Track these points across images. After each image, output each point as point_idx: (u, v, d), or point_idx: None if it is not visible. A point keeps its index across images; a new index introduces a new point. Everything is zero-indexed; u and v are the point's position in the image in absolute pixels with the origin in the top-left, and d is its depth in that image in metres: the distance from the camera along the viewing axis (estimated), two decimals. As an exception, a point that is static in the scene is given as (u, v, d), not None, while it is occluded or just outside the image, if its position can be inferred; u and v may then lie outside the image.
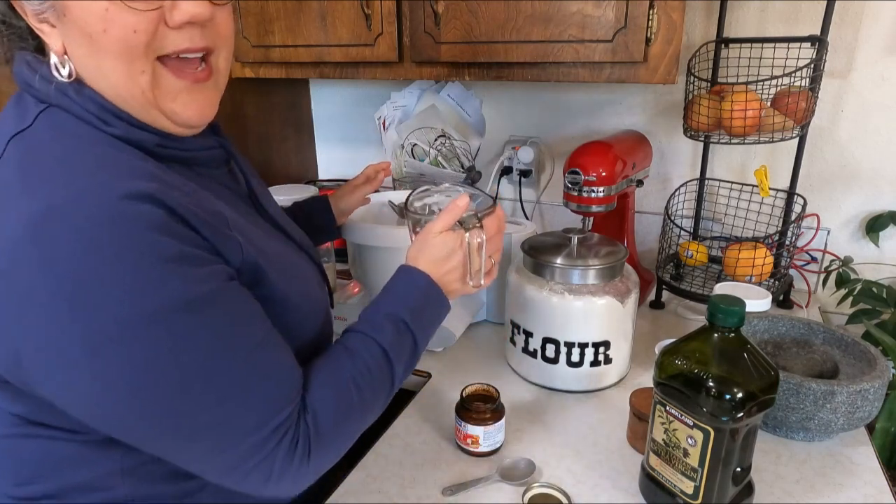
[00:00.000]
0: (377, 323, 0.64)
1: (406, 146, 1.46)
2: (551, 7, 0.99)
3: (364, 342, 0.63)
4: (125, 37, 0.50)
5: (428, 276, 0.68)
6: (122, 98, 0.54)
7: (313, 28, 1.21)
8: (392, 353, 0.63)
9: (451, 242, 0.69)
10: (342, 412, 0.58)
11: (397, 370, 0.63)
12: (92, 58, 0.52)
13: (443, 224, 0.69)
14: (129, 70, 0.52)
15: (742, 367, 0.62)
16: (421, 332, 0.66)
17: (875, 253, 1.25)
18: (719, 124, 1.05)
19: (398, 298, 0.67)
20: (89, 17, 0.50)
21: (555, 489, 0.73)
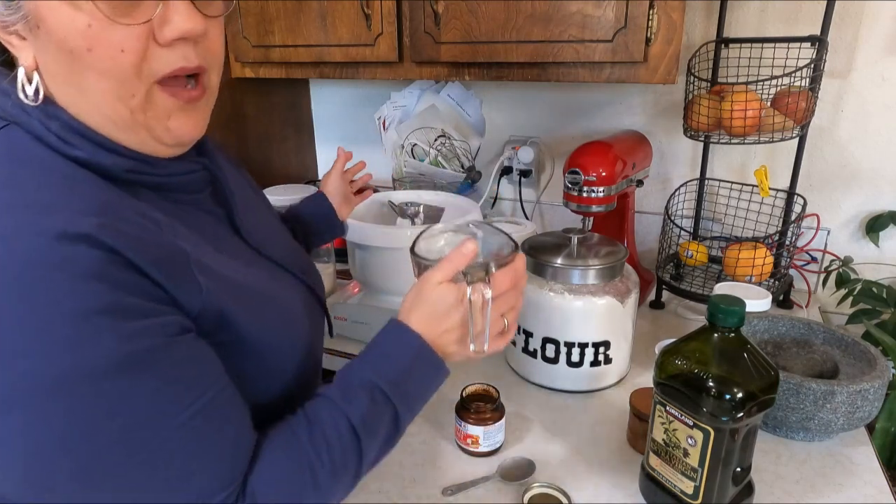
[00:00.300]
0: (350, 390, 0.55)
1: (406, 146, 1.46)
2: (551, 7, 0.99)
3: (331, 413, 0.54)
4: (112, 56, 0.46)
5: (420, 336, 0.57)
6: (103, 119, 0.49)
7: (313, 28, 1.21)
8: (362, 429, 0.53)
9: (449, 297, 0.57)
10: (290, 498, 0.50)
11: (368, 449, 0.54)
12: (73, 76, 0.47)
13: (442, 274, 0.58)
14: (119, 92, 0.47)
15: (742, 367, 0.62)
16: (405, 403, 0.56)
17: (875, 253, 1.25)
18: (719, 124, 1.05)
19: (380, 362, 0.57)
20: (69, 33, 0.45)
21: (555, 489, 0.73)
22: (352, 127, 1.69)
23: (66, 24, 0.45)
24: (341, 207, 1.02)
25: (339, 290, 1.24)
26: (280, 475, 0.51)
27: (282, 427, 0.53)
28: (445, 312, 0.57)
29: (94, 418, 0.42)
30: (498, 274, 0.58)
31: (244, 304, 0.53)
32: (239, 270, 0.56)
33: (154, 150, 0.52)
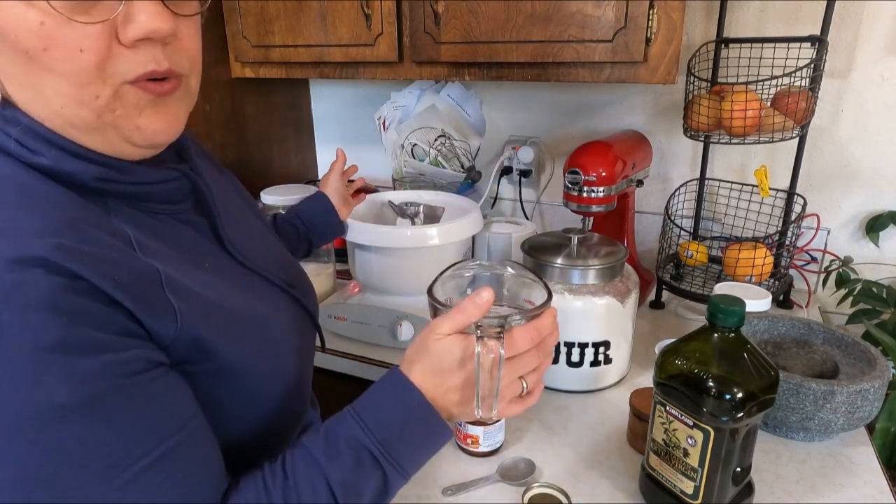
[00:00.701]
0: (334, 447, 0.49)
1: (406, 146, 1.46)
2: (551, 7, 0.99)
3: (309, 470, 0.49)
4: (70, 56, 0.42)
5: (420, 392, 0.51)
6: (66, 123, 0.45)
7: (313, 28, 1.21)
8: (342, 492, 0.48)
9: (455, 351, 0.51)
10: None
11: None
12: (29, 77, 0.43)
13: (451, 325, 0.51)
14: (79, 94, 0.43)
15: (742, 367, 0.62)
16: (396, 466, 0.50)
17: (875, 253, 1.25)
18: (719, 124, 1.05)
19: (373, 418, 0.50)
20: (21, 31, 0.41)
21: (555, 489, 0.73)
22: (352, 127, 1.69)
23: (18, 22, 0.40)
24: (340, 208, 1.02)
25: (339, 290, 1.24)
26: None
27: (254, 478, 0.49)
28: (450, 369, 0.51)
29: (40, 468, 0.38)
30: (516, 331, 0.51)
31: (224, 328, 0.49)
32: (220, 290, 0.52)
33: (124, 152, 0.48)
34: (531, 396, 0.55)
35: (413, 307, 1.07)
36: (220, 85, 1.37)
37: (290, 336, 0.60)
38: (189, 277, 0.49)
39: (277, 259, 0.67)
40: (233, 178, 0.72)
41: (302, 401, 0.62)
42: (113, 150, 0.48)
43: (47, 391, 0.38)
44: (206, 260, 0.55)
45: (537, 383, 0.55)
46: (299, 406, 0.62)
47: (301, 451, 0.50)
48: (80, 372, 0.39)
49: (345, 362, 1.09)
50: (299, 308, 0.65)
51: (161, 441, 0.43)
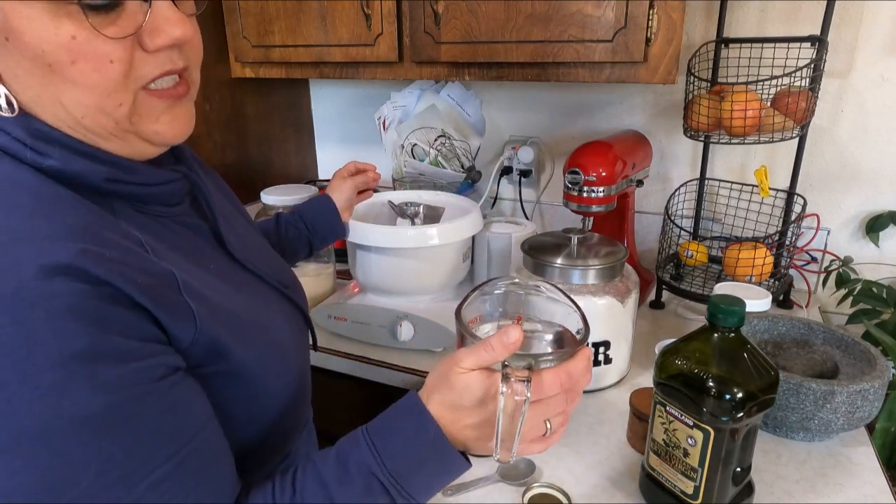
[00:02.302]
0: (344, 471, 0.48)
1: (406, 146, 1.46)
2: (551, 7, 0.99)
3: (318, 492, 0.48)
4: (99, 68, 0.42)
5: (437, 424, 0.49)
6: (83, 129, 0.45)
7: (313, 28, 1.21)
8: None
9: (477, 389, 0.48)
10: None
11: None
12: (47, 89, 0.43)
13: (475, 360, 0.48)
14: (103, 104, 0.44)
15: (742, 367, 0.62)
16: (407, 497, 0.49)
17: (875, 253, 1.25)
18: (719, 124, 1.05)
19: (385, 446, 0.49)
20: (50, 46, 0.41)
21: (555, 489, 0.73)
22: (352, 127, 1.69)
23: (48, 37, 0.41)
24: (344, 211, 1.02)
25: (339, 290, 1.24)
26: None
27: (265, 491, 0.49)
28: (470, 406, 0.48)
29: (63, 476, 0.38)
30: (546, 374, 0.47)
31: (234, 329, 0.50)
32: (225, 292, 0.52)
33: (143, 152, 0.50)
34: (555, 436, 0.52)
35: (413, 307, 1.07)
36: (220, 85, 1.37)
37: (290, 335, 0.61)
38: (199, 280, 0.49)
39: (269, 259, 0.68)
40: (218, 178, 0.72)
41: (304, 398, 0.63)
42: (130, 152, 0.49)
43: (74, 400, 0.38)
44: (209, 262, 0.55)
45: (562, 426, 0.52)
46: (303, 404, 0.62)
47: (312, 470, 0.50)
48: (106, 380, 0.39)
49: (345, 362, 1.09)
50: (294, 308, 0.65)
51: (180, 447, 0.43)
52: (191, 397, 0.46)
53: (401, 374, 1.04)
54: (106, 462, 0.39)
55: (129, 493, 0.40)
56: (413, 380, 1.03)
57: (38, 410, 0.37)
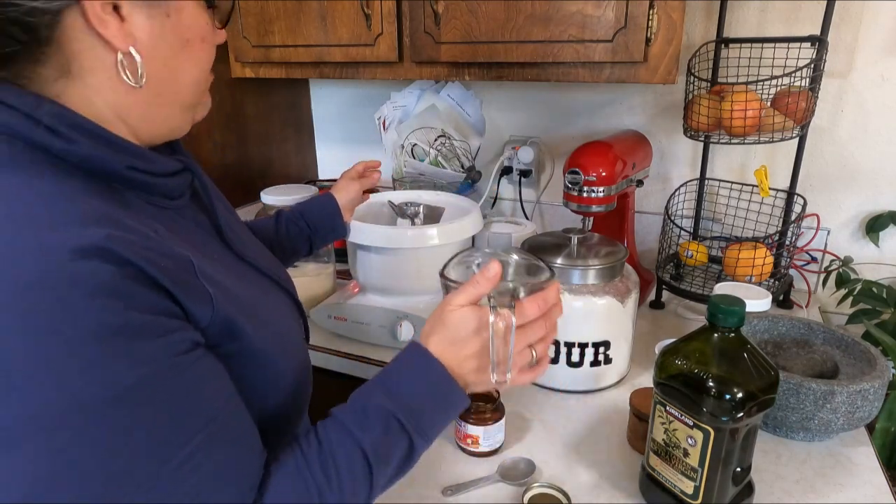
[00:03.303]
0: (364, 416, 0.53)
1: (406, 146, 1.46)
2: (551, 7, 0.99)
3: (343, 441, 0.52)
4: (209, 50, 0.54)
5: (439, 362, 0.55)
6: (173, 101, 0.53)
7: (313, 28, 1.21)
8: (374, 456, 0.52)
9: (471, 321, 0.55)
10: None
11: (379, 477, 0.53)
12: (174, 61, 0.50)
13: (465, 297, 0.55)
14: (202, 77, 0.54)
15: (742, 367, 0.62)
16: (421, 432, 0.54)
17: (875, 253, 1.25)
18: (719, 124, 1.05)
19: (397, 389, 0.54)
20: (195, 25, 0.51)
21: (555, 489, 0.73)
22: (352, 127, 1.69)
23: (196, 18, 0.51)
24: (346, 211, 1.02)
25: (339, 290, 1.24)
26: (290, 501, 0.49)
27: (293, 450, 0.52)
28: (466, 338, 0.55)
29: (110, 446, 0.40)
30: (525, 301, 0.55)
31: (244, 312, 0.52)
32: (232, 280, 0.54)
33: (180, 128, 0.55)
34: (540, 366, 0.58)
35: (413, 307, 1.07)
36: (220, 85, 1.37)
37: (291, 323, 0.63)
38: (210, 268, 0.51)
39: (263, 254, 0.70)
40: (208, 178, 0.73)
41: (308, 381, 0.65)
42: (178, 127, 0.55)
43: (113, 373, 0.40)
44: (212, 253, 0.57)
45: (545, 353, 0.59)
46: (306, 387, 0.64)
47: (332, 422, 0.53)
48: (141, 354, 0.41)
49: (345, 362, 1.09)
50: (290, 299, 0.68)
51: (211, 417, 0.45)
52: (215, 371, 0.48)
53: (401, 374, 1.04)
54: (147, 430, 0.41)
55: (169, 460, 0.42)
56: (413, 380, 1.03)
57: (82, 384, 0.39)
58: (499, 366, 0.54)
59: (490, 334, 0.54)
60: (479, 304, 0.55)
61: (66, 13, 0.44)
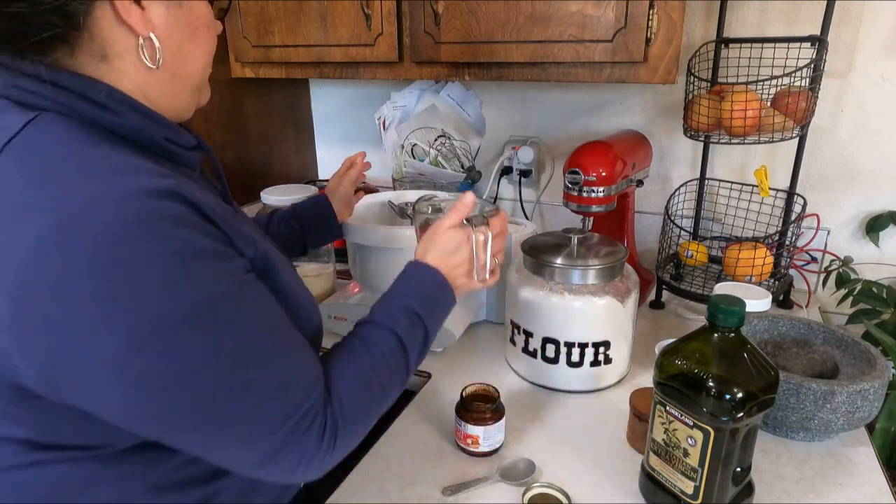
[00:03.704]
0: (391, 314, 0.66)
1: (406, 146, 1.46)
2: (551, 7, 0.99)
3: (379, 332, 0.65)
4: (213, 38, 0.60)
5: (438, 270, 0.70)
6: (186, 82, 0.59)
7: (313, 28, 1.21)
8: (407, 342, 0.65)
9: (458, 237, 0.71)
10: (363, 398, 0.60)
11: (412, 358, 0.66)
12: (185, 46, 0.56)
13: (451, 220, 0.71)
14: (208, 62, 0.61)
15: (742, 367, 0.62)
16: (432, 323, 0.68)
17: (875, 253, 1.25)
18: (719, 124, 1.05)
19: (410, 291, 0.69)
20: (203, 15, 0.58)
21: (555, 489, 0.73)
22: (352, 127, 1.69)
23: (204, 9, 0.58)
24: (343, 211, 1.02)
25: (339, 290, 1.24)
26: (351, 380, 0.59)
27: (342, 348, 0.63)
28: (455, 250, 0.71)
29: (210, 344, 0.48)
30: (492, 220, 0.74)
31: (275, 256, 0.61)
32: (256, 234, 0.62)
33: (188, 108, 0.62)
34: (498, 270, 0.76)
35: (413, 307, 1.07)
36: (220, 85, 1.37)
37: None
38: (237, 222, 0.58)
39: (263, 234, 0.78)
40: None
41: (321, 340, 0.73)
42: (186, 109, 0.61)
43: (204, 286, 0.47)
44: None
45: (502, 261, 0.77)
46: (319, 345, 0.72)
47: (364, 324, 0.67)
48: (221, 270, 0.50)
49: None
50: None
51: (280, 316, 0.55)
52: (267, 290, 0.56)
53: (401, 374, 1.04)
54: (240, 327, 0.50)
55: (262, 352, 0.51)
56: (413, 380, 1.03)
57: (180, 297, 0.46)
58: (480, 269, 0.73)
59: (472, 246, 0.71)
60: (460, 227, 0.72)
61: (97, 3, 0.49)
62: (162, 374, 0.46)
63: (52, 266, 0.43)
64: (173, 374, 0.46)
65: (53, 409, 0.49)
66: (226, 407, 0.49)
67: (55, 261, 0.43)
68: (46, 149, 0.48)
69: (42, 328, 0.44)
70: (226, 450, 0.51)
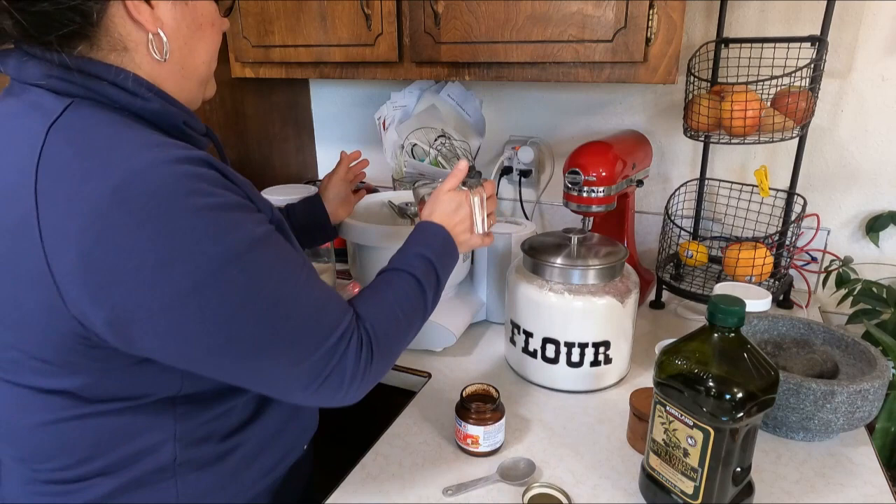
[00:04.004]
0: (407, 260, 0.74)
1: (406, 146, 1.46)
2: (551, 7, 0.99)
3: (398, 274, 0.73)
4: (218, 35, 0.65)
5: (443, 226, 0.79)
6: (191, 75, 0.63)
7: (313, 28, 1.21)
8: (423, 282, 0.72)
9: (458, 197, 0.81)
10: (390, 323, 0.67)
11: (428, 296, 0.73)
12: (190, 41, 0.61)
13: (450, 184, 0.82)
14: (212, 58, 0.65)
15: (742, 367, 0.62)
16: (442, 272, 0.76)
17: (875, 253, 1.25)
18: (719, 124, 1.05)
19: (422, 242, 0.77)
20: (208, 12, 0.63)
21: (555, 489, 0.73)
22: (352, 127, 1.69)
23: (209, 7, 0.63)
24: (339, 210, 1.02)
25: (340, 290, 1.24)
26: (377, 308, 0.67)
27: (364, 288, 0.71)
28: (456, 209, 0.81)
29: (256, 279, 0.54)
30: (485, 183, 0.85)
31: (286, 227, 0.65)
32: None
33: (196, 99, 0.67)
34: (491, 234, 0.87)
35: (413, 307, 1.07)
36: (220, 85, 1.36)
37: None
38: None
39: None
40: None
41: None
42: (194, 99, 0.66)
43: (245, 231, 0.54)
44: None
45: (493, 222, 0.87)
46: None
47: (383, 270, 0.74)
48: (256, 220, 0.56)
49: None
50: None
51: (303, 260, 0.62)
52: None
53: (401, 374, 1.04)
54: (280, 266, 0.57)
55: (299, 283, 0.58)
56: (413, 380, 1.03)
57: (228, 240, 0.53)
58: (480, 224, 0.83)
59: (471, 205, 0.82)
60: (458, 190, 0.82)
61: (111, 3, 0.54)
62: (217, 310, 0.52)
63: (112, 222, 0.49)
64: (227, 308, 0.53)
65: (108, 359, 0.55)
66: (274, 332, 0.55)
67: (115, 217, 0.49)
68: (89, 129, 0.53)
69: (109, 277, 0.49)
70: (278, 374, 0.57)
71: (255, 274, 0.54)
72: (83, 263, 0.49)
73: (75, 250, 0.49)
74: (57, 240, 0.50)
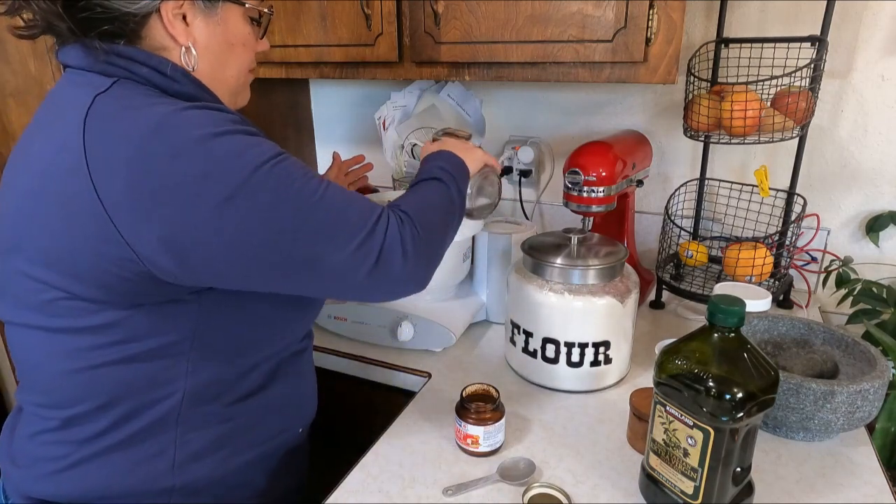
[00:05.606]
0: (430, 171, 0.80)
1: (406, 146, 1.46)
2: (551, 7, 0.99)
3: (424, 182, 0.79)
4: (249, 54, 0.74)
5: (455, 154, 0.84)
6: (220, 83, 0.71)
7: (313, 28, 1.20)
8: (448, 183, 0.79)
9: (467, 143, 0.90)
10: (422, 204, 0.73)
11: (453, 192, 0.79)
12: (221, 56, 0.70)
13: None
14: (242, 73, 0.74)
15: (742, 367, 0.62)
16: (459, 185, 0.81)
17: (875, 253, 1.25)
18: (719, 124, 1.05)
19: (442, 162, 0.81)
20: (238, 33, 0.71)
21: (555, 489, 0.73)
22: (352, 127, 1.69)
23: (240, 28, 0.71)
24: None
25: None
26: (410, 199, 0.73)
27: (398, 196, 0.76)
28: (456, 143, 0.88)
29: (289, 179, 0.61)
30: None
31: None
32: None
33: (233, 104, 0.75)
34: None
35: (413, 307, 1.07)
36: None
37: None
38: None
39: None
40: None
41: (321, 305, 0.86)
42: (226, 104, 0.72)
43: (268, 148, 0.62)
44: None
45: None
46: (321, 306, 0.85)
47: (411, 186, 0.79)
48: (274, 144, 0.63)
49: (345, 362, 1.09)
50: None
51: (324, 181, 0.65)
52: None
53: (401, 374, 1.04)
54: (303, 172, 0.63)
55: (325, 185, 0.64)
56: (413, 380, 1.03)
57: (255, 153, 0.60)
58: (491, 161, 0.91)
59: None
60: None
61: (150, 17, 0.64)
62: (254, 211, 0.58)
63: (153, 151, 0.56)
64: (263, 209, 0.59)
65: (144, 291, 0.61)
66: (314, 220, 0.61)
67: (155, 147, 0.56)
68: (132, 95, 0.61)
69: (156, 198, 0.56)
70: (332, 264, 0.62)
71: (283, 176, 0.61)
72: (130, 190, 0.56)
73: (122, 180, 0.56)
74: (104, 174, 0.57)
